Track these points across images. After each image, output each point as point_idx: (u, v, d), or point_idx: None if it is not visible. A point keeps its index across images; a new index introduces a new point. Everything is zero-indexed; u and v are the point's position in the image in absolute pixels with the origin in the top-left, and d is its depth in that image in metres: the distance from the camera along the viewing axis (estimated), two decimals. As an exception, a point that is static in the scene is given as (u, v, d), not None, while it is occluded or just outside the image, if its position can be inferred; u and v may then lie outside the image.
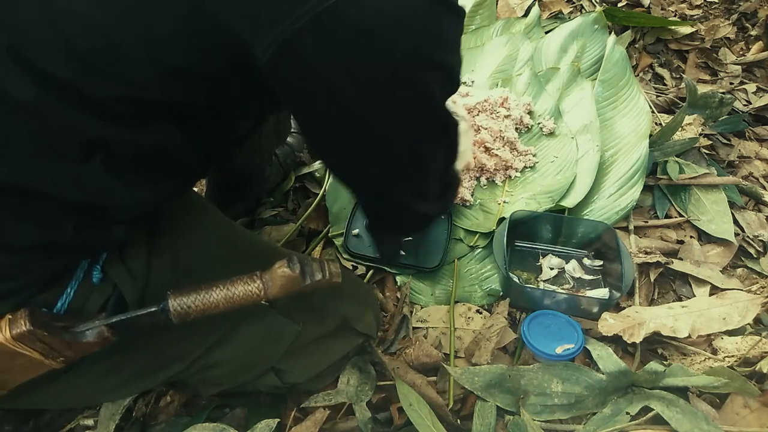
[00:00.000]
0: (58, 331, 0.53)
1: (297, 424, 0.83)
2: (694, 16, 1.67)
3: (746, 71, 1.52)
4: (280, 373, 0.77)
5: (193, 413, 0.85)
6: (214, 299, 0.56)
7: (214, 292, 0.56)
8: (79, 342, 0.54)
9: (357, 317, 0.81)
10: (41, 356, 0.53)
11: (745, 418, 0.82)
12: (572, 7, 1.70)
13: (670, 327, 0.91)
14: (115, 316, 0.55)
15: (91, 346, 0.55)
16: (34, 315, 0.51)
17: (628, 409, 0.82)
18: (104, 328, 0.54)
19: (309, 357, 0.78)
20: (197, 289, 0.56)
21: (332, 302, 0.79)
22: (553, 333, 0.90)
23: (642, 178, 1.15)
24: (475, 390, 0.85)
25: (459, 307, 1.00)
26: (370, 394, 0.86)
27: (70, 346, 0.54)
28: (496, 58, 1.45)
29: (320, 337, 0.78)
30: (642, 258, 1.05)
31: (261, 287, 0.56)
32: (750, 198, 1.21)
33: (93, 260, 0.57)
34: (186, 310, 0.55)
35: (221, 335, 0.69)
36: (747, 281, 1.05)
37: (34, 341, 0.51)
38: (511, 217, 1.04)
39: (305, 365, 0.78)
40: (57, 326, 0.53)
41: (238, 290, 0.56)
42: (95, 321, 0.55)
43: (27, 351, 0.52)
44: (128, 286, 0.59)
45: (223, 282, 0.57)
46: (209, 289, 0.56)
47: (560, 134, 1.26)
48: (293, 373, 0.77)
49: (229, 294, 0.56)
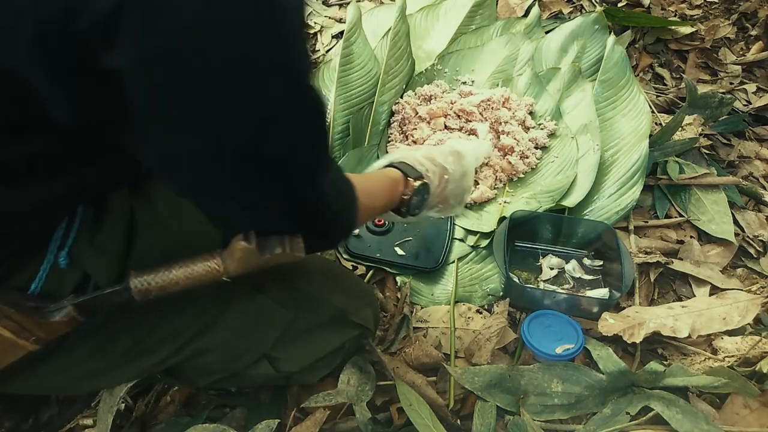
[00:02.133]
0: (28, 310, 0.54)
1: (297, 424, 0.83)
2: (694, 16, 1.67)
3: (746, 71, 1.52)
4: (274, 361, 0.76)
5: (193, 413, 0.85)
6: (173, 276, 0.56)
7: (173, 269, 0.56)
8: (48, 321, 0.55)
9: (354, 310, 0.81)
10: (12, 335, 0.54)
11: (745, 418, 0.82)
12: (572, 7, 1.70)
13: (670, 327, 0.91)
14: (81, 296, 0.56)
15: (60, 325, 0.56)
16: (2, 293, 0.53)
17: (628, 409, 0.82)
18: (71, 307, 0.55)
19: (303, 345, 0.77)
20: (158, 267, 0.57)
21: (327, 292, 0.78)
22: (553, 333, 0.90)
23: (642, 178, 1.15)
24: (475, 390, 0.85)
25: (459, 307, 1.00)
26: (370, 394, 0.86)
27: (40, 326, 0.55)
28: (496, 58, 1.45)
29: (314, 326, 0.77)
30: (642, 258, 1.05)
31: (219, 263, 0.56)
32: (750, 198, 1.21)
33: (61, 245, 0.57)
34: (146, 287, 0.55)
35: (209, 319, 0.69)
36: (747, 281, 1.05)
37: (2, 318, 0.53)
38: (512, 217, 1.04)
39: (299, 354, 0.78)
40: (27, 305, 0.54)
41: (197, 267, 0.56)
42: (63, 301, 0.56)
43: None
44: (97, 270, 0.59)
45: (184, 260, 0.57)
46: (169, 266, 0.56)
47: (560, 134, 1.27)
48: (287, 361, 0.77)
49: (188, 271, 0.56)
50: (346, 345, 0.84)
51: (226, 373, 0.75)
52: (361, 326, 0.82)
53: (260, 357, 0.75)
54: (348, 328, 0.82)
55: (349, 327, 0.82)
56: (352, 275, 0.97)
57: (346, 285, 0.84)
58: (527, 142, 1.23)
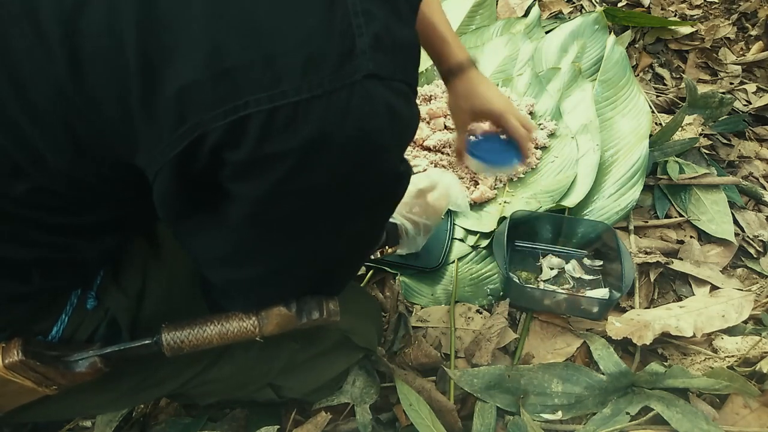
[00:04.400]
0: (51, 360, 0.53)
1: (297, 426, 0.83)
2: (694, 16, 1.67)
3: (746, 71, 1.52)
4: (277, 388, 0.76)
5: (194, 413, 0.85)
6: (207, 335, 0.56)
7: (208, 327, 0.56)
8: (72, 372, 0.54)
9: (357, 331, 0.79)
10: (34, 384, 0.53)
11: (745, 418, 0.82)
12: (572, 7, 1.70)
13: (675, 327, 0.91)
14: (109, 347, 0.55)
15: (83, 376, 0.55)
16: (27, 344, 0.52)
17: (628, 409, 0.82)
18: (97, 358, 0.54)
19: (306, 373, 0.77)
20: (191, 323, 0.56)
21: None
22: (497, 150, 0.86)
23: (642, 178, 1.15)
24: (474, 392, 0.85)
25: (459, 307, 1.00)
26: (374, 397, 0.85)
27: (63, 376, 0.54)
28: (496, 58, 1.45)
29: (318, 354, 0.76)
30: (642, 258, 1.05)
31: (256, 324, 0.56)
32: (750, 198, 1.21)
33: (87, 286, 0.57)
34: (179, 345, 0.55)
35: (215, 355, 0.69)
36: (747, 281, 1.05)
37: (26, 370, 0.52)
38: (512, 217, 1.04)
39: (302, 381, 0.77)
40: (50, 355, 0.53)
41: (232, 326, 0.56)
42: (89, 351, 0.55)
43: (19, 379, 0.52)
44: (122, 311, 0.58)
45: (218, 317, 0.56)
46: (203, 324, 0.56)
47: (560, 134, 1.27)
48: (290, 388, 0.77)
49: (223, 330, 0.56)
50: (350, 368, 0.84)
51: (228, 398, 0.76)
52: (366, 348, 0.81)
53: (264, 386, 0.75)
54: (353, 352, 0.81)
55: (354, 351, 0.81)
56: (357, 289, 0.94)
57: (352, 303, 0.82)
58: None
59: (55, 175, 0.44)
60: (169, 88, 0.37)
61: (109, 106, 0.40)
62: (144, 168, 0.42)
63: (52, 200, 0.46)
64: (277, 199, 0.42)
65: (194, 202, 0.45)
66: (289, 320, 0.56)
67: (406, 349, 0.92)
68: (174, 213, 0.46)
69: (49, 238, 0.49)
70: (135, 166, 0.43)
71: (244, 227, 0.46)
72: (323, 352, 0.77)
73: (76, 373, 0.54)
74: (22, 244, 0.48)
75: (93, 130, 0.41)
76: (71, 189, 0.46)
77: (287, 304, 0.56)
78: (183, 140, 0.38)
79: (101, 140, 0.42)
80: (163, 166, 0.40)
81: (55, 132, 0.41)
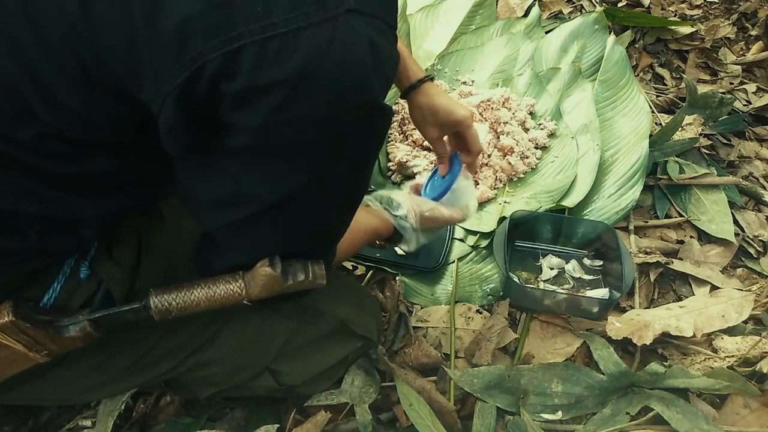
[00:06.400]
0: (42, 324, 0.53)
1: (297, 425, 0.83)
2: (694, 16, 1.67)
3: (746, 71, 1.52)
4: (276, 374, 0.76)
5: (194, 413, 0.85)
6: (195, 297, 0.56)
7: (195, 290, 0.56)
8: (62, 336, 0.54)
9: (355, 320, 0.80)
10: (25, 348, 0.53)
11: (745, 418, 0.82)
12: (572, 7, 1.70)
13: (675, 327, 0.91)
14: (98, 312, 0.55)
15: (74, 340, 0.55)
16: (18, 307, 0.52)
17: (628, 409, 0.82)
18: (87, 323, 0.55)
19: (305, 358, 0.77)
20: (179, 287, 0.56)
21: (329, 304, 0.78)
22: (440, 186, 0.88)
23: (642, 178, 1.15)
24: (474, 392, 0.85)
25: (459, 307, 1.00)
26: (374, 396, 0.85)
27: (53, 340, 0.54)
28: (496, 58, 1.45)
29: (316, 339, 0.77)
30: (642, 258, 1.05)
31: (242, 286, 0.56)
32: (750, 198, 1.21)
33: (81, 256, 0.58)
34: (167, 308, 0.55)
35: (211, 333, 0.69)
36: (747, 281, 1.05)
37: (17, 332, 0.52)
38: (512, 217, 1.04)
39: (301, 367, 0.77)
40: (41, 319, 0.54)
41: (219, 289, 0.56)
42: (78, 316, 0.55)
43: (10, 342, 0.52)
44: (115, 282, 0.59)
45: (205, 280, 0.56)
46: (191, 287, 0.56)
47: (560, 134, 1.27)
48: (289, 374, 0.77)
49: (210, 292, 0.56)
50: (349, 357, 0.84)
51: (228, 385, 0.75)
52: (365, 337, 0.82)
53: (262, 370, 0.75)
54: (351, 340, 0.81)
55: (352, 339, 0.81)
56: (354, 284, 0.96)
57: (350, 295, 0.84)
58: (527, 143, 1.23)
59: (62, 115, 0.46)
60: (171, 17, 0.39)
61: (115, 36, 0.41)
62: (149, 102, 0.44)
63: (57, 147, 0.48)
64: (270, 129, 0.44)
65: (198, 137, 0.46)
66: (275, 281, 0.55)
67: (406, 349, 0.92)
68: (180, 146, 0.47)
69: (50, 193, 0.50)
70: (141, 104, 0.44)
71: (241, 160, 0.47)
72: (322, 337, 0.77)
73: (66, 338, 0.55)
74: (25, 196, 0.49)
75: (102, 64, 0.43)
76: (76, 131, 0.47)
77: (272, 264, 0.55)
78: (185, 70, 0.40)
79: (110, 75, 0.43)
80: (168, 96, 0.42)
81: (68, 68, 0.43)
